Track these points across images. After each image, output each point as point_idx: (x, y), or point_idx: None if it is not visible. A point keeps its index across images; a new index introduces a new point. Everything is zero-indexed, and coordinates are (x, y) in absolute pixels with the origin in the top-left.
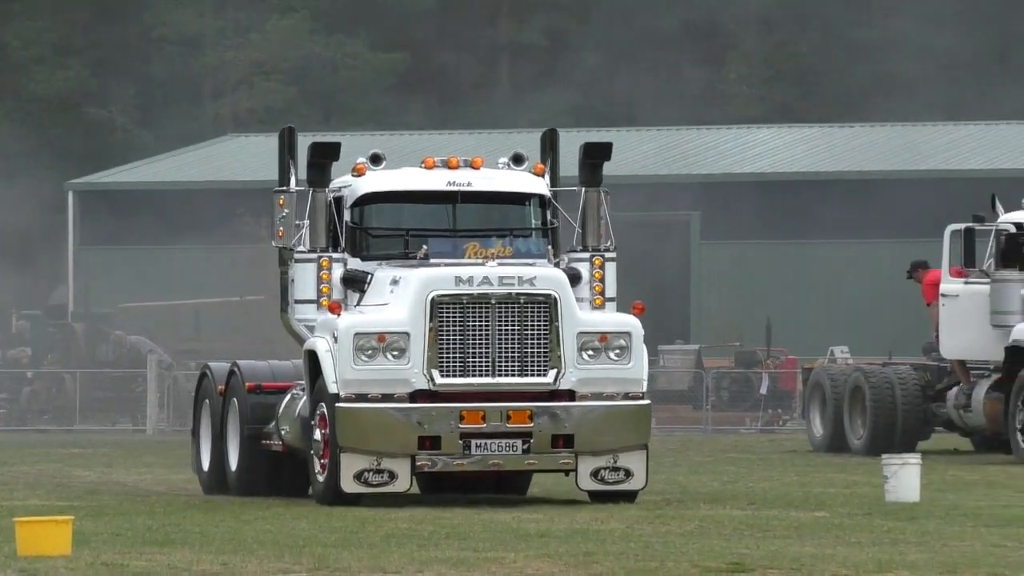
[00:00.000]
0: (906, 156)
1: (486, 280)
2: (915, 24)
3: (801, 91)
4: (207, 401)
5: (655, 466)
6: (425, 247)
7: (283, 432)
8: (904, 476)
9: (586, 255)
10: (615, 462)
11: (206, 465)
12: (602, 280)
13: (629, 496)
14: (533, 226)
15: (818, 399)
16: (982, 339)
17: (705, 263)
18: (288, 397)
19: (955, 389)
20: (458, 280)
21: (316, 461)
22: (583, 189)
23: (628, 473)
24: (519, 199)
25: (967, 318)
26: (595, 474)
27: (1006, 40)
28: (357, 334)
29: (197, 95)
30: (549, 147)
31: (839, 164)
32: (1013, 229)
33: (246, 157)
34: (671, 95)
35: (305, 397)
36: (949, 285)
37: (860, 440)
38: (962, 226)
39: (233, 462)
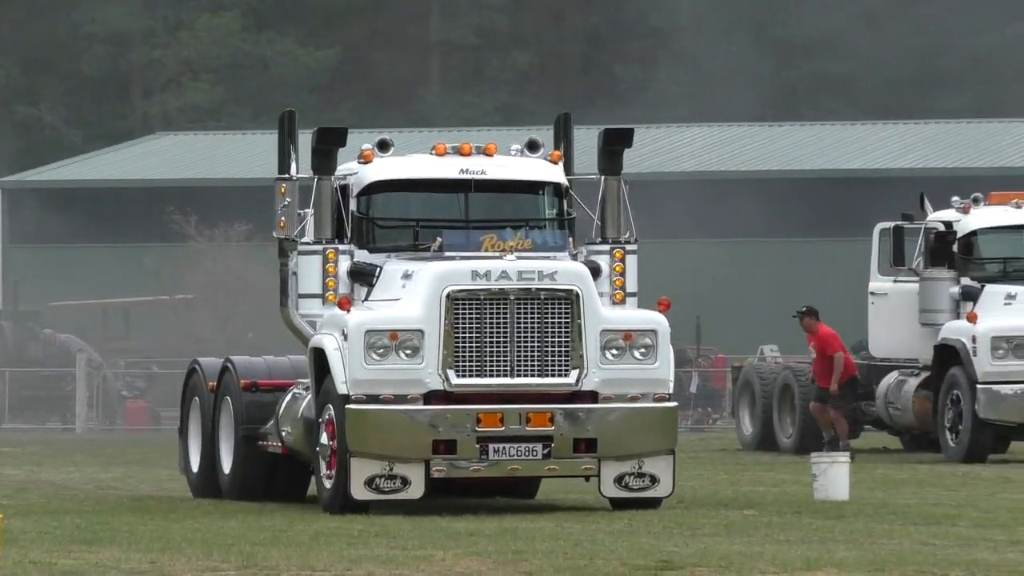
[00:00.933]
0: (837, 155)
1: (504, 274)
2: (848, 24)
3: (733, 90)
4: (196, 399)
5: None
6: (440, 239)
7: (284, 434)
8: (833, 474)
9: (606, 247)
10: (640, 468)
11: (195, 466)
12: (623, 274)
13: (654, 504)
14: (550, 217)
15: (747, 398)
16: (911, 338)
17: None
18: (289, 397)
19: (885, 386)
20: (475, 274)
21: (323, 466)
22: (602, 178)
23: (654, 479)
24: (535, 188)
25: (896, 317)
26: (619, 480)
27: (937, 41)
28: (368, 331)
29: (126, 94)
30: (563, 133)
31: (770, 163)
32: (942, 228)
33: (175, 155)
34: (602, 94)
35: (309, 397)
36: (879, 284)
37: (789, 439)
38: (891, 224)
39: (226, 464)
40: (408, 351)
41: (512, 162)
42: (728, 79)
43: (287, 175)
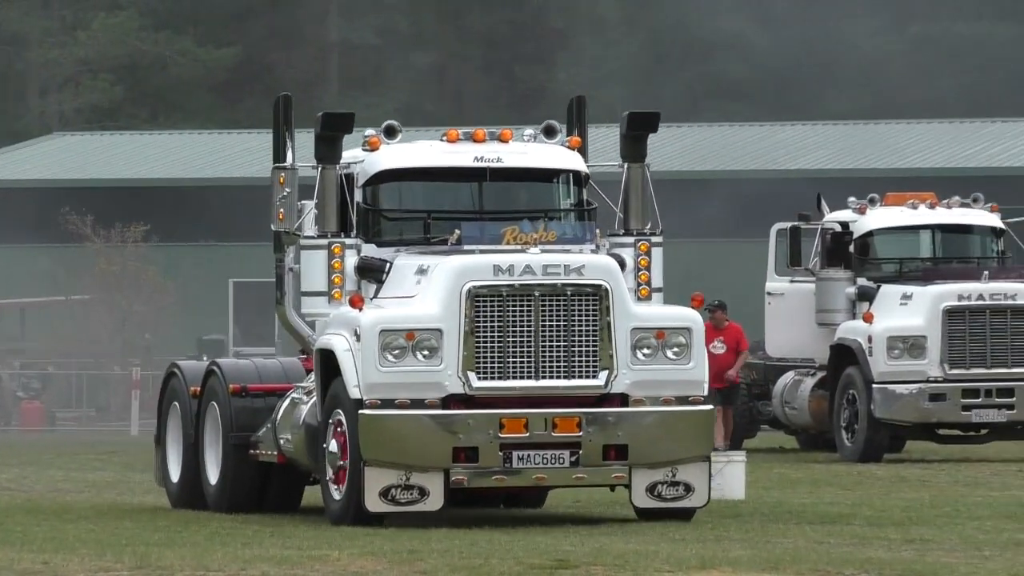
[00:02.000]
0: (734, 156)
1: (528, 269)
2: (746, 26)
3: (633, 90)
4: (175, 404)
5: None
6: (458, 231)
7: (282, 442)
8: (729, 474)
9: (630, 240)
10: (674, 476)
11: (175, 476)
12: (649, 268)
13: (687, 515)
14: (571, 207)
15: None
16: (807, 337)
17: None
18: (287, 402)
19: (781, 386)
20: (497, 269)
21: (331, 475)
22: (625, 165)
23: (688, 488)
24: (555, 176)
25: (792, 317)
26: (651, 489)
27: (834, 43)
28: (383, 331)
29: (23, 93)
30: (576, 118)
31: (669, 164)
32: (838, 228)
33: (72, 156)
34: (503, 94)
35: (311, 402)
36: (776, 284)
37: None
38: (788, 225)
39: (213, 474)
40: (426, 352)
41: (530, 149)
42: (627, 80)
43: (285, 164)
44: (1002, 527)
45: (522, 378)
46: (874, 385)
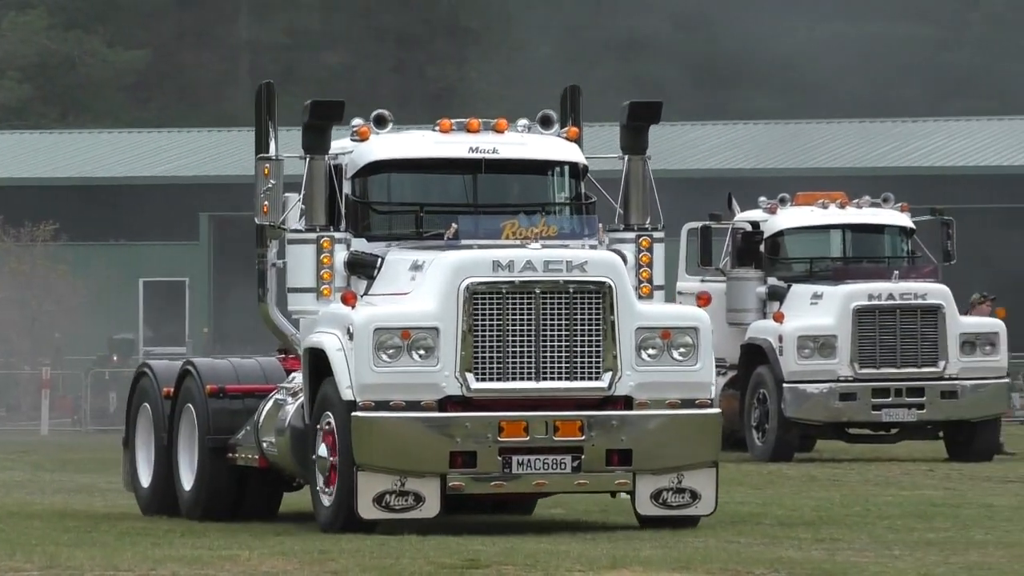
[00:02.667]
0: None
1: (529, 265)
2: (660, 25)
3: (541, 92)
4: (145, 406)
5: None
6: (455, 225)
7: (265, 445)
8: None
9: (630, 235)
10: (680, 482)
11: (146, 481)
12: (650, 265)
13: (693, 523)
14: (570, 200)
15: None
16: (718, 337)
17: None
18: (270, 404)
19: None
20: (496, 265)
21: (320, 481)
22: (625, 157)
23: (695, 495)
24: (553, 168)
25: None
26: (656, 496)
27: (745, 43)
28: (378, 329)
29: None
30: (571, 108)
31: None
32: (749, 228)
33: None
34: (415, 94)
35: (297, 404)
36: (686, 283)
37: None
38: (699, 224)
39: (187, 479)
40: (422, 352)
41: (528, 140)
42: (540, 78)
43: (269, 154)
44: (912, 526)
45: (522, 379)
46: (784, 384)
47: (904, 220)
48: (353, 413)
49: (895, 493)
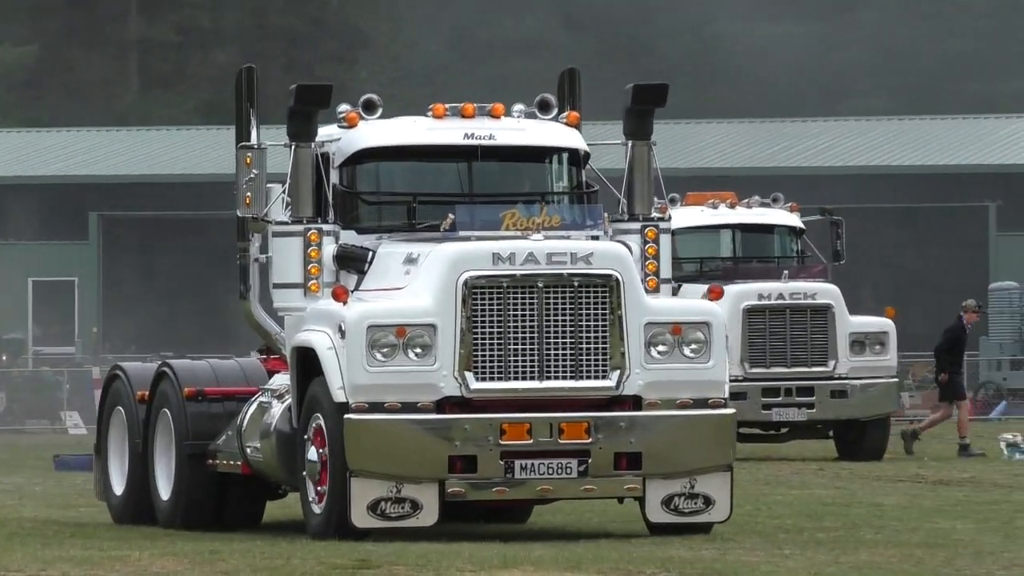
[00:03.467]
0: None
1: (531, 257)
2: (548, 25)
3: (434, 88)
4: (119, 409)
5: None
6: (451, 215)
7: (249, 451)
8: None
9: (636, 225)
10: (692, 487)
11: (119, 490)
12: (656, 257)
13: (706, 529)
14: (571, 189)
15: None
16: None
17: None
18: (254, 407)
19: None
20: (496, 257)
21: (311, 488)
22: (629, 142)
23: (708, 501)
24: (553, 155)
25: None
26: (667, 503)
27: (638, 42)
28: (371, 326)
29: None
30: (569, 92)
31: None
32: None
33: None
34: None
35: (283, 406)
36: None
37: None
38: None
39: (164, 487)
40: (418, 350)
41: (526, 125)
42: (429, 78)
43: (251, 142)
44: (802, 526)
45: (524, 379)
46: None
47: (794, 220)
48: (345, 416)
49: (785, 492)
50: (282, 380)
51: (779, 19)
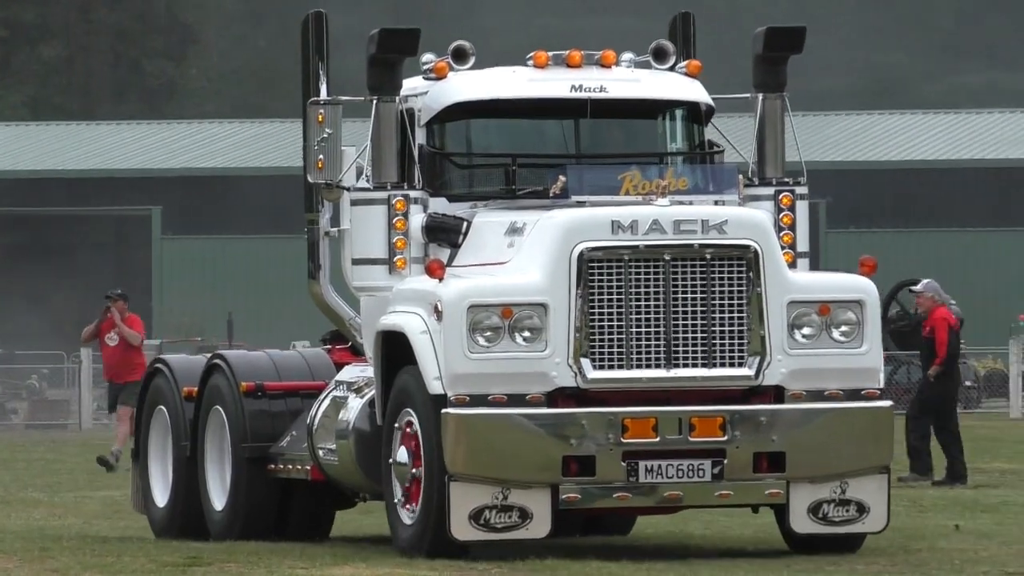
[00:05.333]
0: None
1: (656, 225)
2: (368, 18)
3: (260, 86)
4: (161, 409)
5: None
6: (563, 177)
7: (322, 454)
8: None
9: (768, 191)
10: (843, 492)
11: (162, 500)
12: (793, 227)
13: (858, 542)
14: (693, 148)
15: None
16: None
17: (168, 259)
18: (326, 403)
19: None
20: (616, 226)
21: (399, 494)
22: (759, 96)
23: (861, 508)
24: (673, 110)
25: None
26: (815, 510)
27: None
28: (473, 307)
29: None
30: (682, 39)
31: None
32: None
33: None
34: (132, 88)
35: (362, 401)
36: None
37: None
38: None
39: (218, 496)
40: (526, 334)
41: (640, 75)
42: (258, 74)
43: (323, 97)
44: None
45: (649, 367)
46: None
47: None
48: (443, 410)
49: None
50: (355, 372)
51: (601, 11)
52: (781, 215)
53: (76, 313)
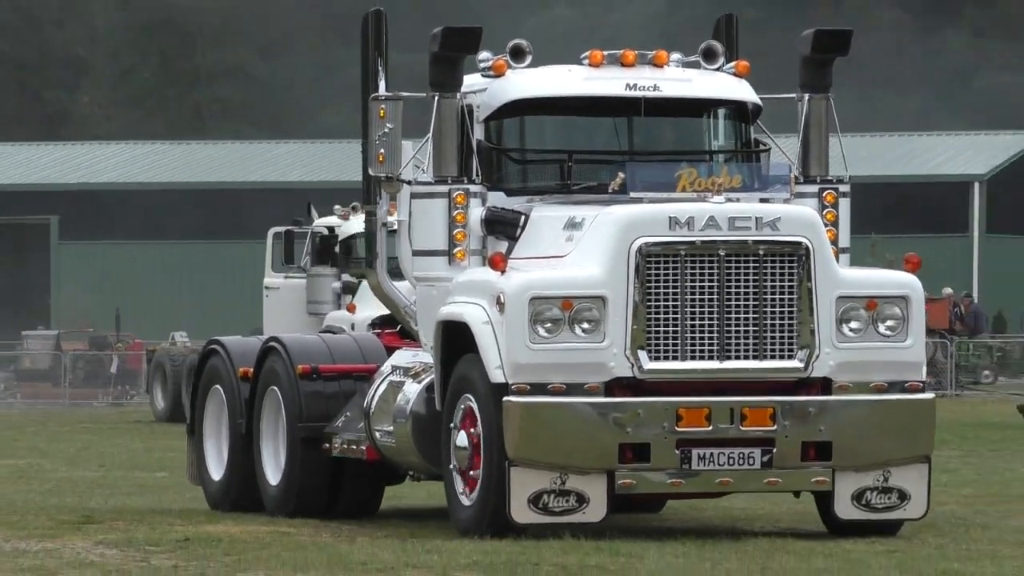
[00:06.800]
0: (237, 169)
1: (712, 222)
2: (247, 56)
3: (147, 112)
4: (216, 388)
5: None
6: (621, 174)
7: (378, 435)
8: None
9: (813, 188)
10: (886, 480)
11: (217, 474)
12: (836, 224)
13: (897, 527)
14: (742, 146)
15: (160, 377)
16: (300, 326)
17: (64, 260)
18: (384, 386)
19: None
20: (673, 222)
21: (459, 478)
22: (805, 96)
23: (903, 496)
24: (722, 109)
25: (287, 307)
26: (859, 497)
27: (323, 69)
28: (535, 298)
29: None
30: (727, 39)
31: (191, 175)
32: (326, 231)
33: None
34: (33, 115)
35: (420, 386)
36: (272, 279)
37: None
38: (283, 229)
39: (272, 472)
40: (586, 325)
41: (694, 76)
42: (142, 102)
43: (384, 92)
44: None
45: (703, 359)
46: None
47: None
48: (504, 398)
49: None
50: (409, 357)
51: None
52: (825, 211)
53: None
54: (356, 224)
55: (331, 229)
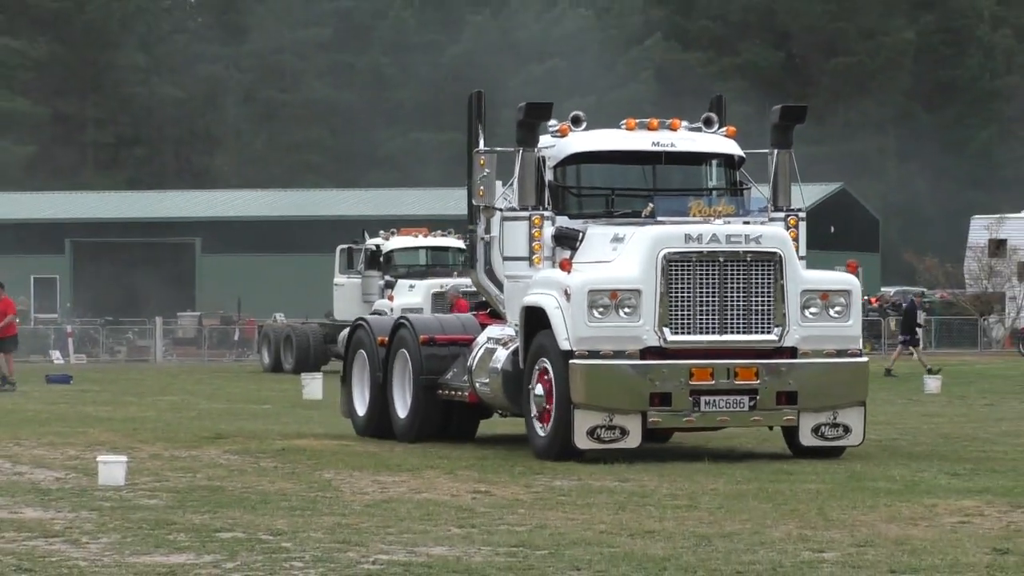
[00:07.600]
0: None
1: (714, 238)
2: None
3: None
4: (361, 352)
5: None
6: (651, 204)
7: (478, 384)
8: (313, 385)
9: (780, 215)
10: (835, 418)
11: (361, 411)
12: (797, 240)
13: (841, 452)
14: (731, 186)
15: (266, 343)
16: (358, 310)
17: (204, 267)
18: (482, 350)
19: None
20: (687, 238)
21: (535, 415)
22: (775, 151)
23: (847, 429)
24: (718, 160)
25: (348, 297)
26: (816, 430)
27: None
28: (592, 291)
29: None
30: (717, 111)
31: (288, 212)
32: (374, 248)
33: None
34: (183, 171)
35: (508, 351)
36: (340, 279)
37: (290, 365)
38: (346, 246)
39: (401, 410)
40: (627, 310)
41: (698, 137)
42: (255, 164)
43: (485, 148)
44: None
45: (709, 333)
46: None
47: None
48: (571, 361)
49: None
50: (497, 331)
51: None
52: (789, 231)
53: None
54: (393, 243)
55: (377, 246)
